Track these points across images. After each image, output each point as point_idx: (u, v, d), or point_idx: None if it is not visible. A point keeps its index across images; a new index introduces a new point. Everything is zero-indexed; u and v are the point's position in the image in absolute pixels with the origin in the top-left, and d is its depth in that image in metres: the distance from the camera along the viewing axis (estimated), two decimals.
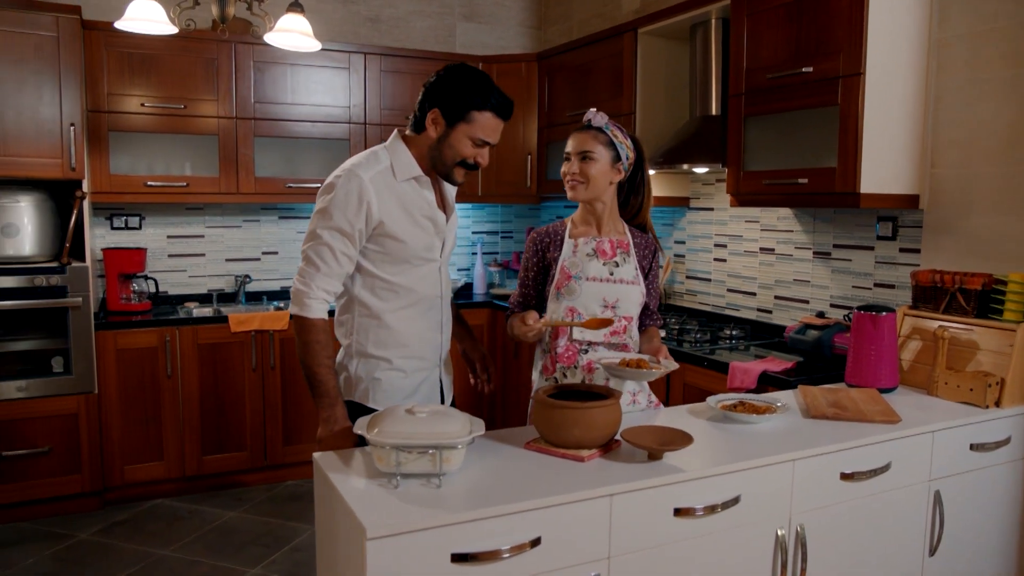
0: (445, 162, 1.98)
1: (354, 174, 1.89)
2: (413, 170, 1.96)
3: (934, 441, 2.09)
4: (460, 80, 1.93)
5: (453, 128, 1.94)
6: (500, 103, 1.95)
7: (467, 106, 1.92)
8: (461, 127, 1.94)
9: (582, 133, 2.12)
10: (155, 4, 2.50)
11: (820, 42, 2.63)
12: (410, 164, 1.96)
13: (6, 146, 3.34)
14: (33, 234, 3.46)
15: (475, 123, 1.93)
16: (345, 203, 1.86)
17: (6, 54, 3.30)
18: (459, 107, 1.92)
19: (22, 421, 3.45)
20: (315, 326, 1.87)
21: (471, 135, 1.95)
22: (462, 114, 1.93)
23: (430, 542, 1.46)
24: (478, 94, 1.92)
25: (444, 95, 1.92)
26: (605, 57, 3.83)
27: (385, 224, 1.90)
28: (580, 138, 2.11)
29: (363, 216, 1.88)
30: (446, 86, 1.92)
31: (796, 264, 3.24)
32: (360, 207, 1.87)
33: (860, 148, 2.52)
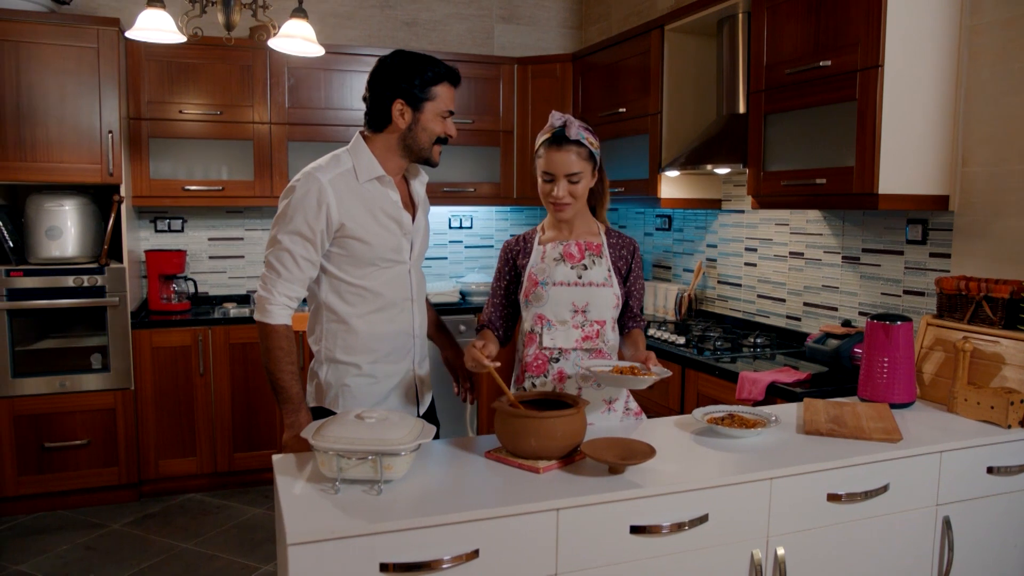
0: (423, 145, 1.97)
1: (313, 177, 1.88)
2: (375, 170, 1.94)
3: (942, 462, 1.92)
4: (409, 64, 1.92)
5: (421, 111, 1.94)
6: (447, 70, 1.97)
7: (425, 84, 1.92)
8: (428, 107, 1.94)
9: (562, 152, 1.96)
10: (164, 14, 2.57)
11: (838, 34, 2.48)
12: (372, 164, 1.94)
13: (50, 153, 3.51)
14: (76, 236, 3.63)
15: (439, 98, 1.95)
16: (304, 206, 1.86)
17: (50, 66, 3.47)
18: (420, 89, 1.92)
19: (63, 414, 3.62)
20: (277, 332, 1.87)
21: (438, 111, 1.95)
22: (425, 95, 1.93)
23: (357, 550, 1.42)
24: (429, 70, 1.93)
25: (401, 84, 1.91)
26: (633, 56, 3.73)
27: (347, 226, 1.89)
28: (563, 159, 1.96)
29: (323, 219, 1.86)
30: (399, 75, 1.91)
31: (825, 269, 3.07)
32: (319, 210, 1.86)
33: (878, 145, 2.35)
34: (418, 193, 2.10)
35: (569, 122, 1.98)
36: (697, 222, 3.87)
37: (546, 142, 1.99)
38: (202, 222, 4.35)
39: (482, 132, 4.49)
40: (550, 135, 1.99)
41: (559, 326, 2.03)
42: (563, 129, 1.97)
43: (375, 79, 1.95)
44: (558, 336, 2.03)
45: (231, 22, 2.59)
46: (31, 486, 3.59)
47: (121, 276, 3.64)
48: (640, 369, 1.94)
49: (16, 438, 3.55)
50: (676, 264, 4.06)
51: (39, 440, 3.58)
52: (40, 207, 3.56)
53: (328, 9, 4.48)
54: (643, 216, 4.37)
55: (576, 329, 2.04)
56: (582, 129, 2.00)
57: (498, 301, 2.13)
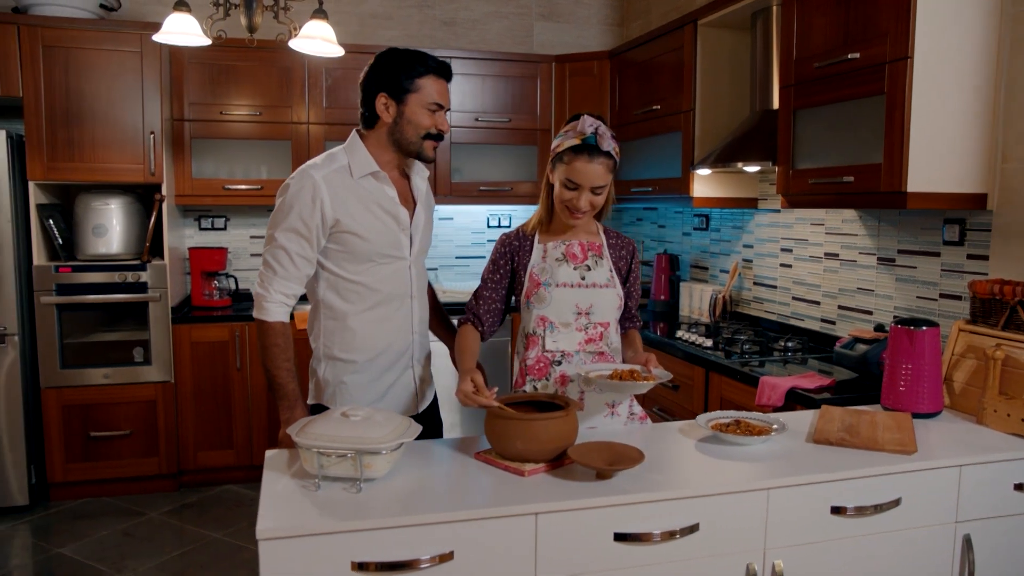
0: (410, 140, 1.96)
1: (307, 174, 1.90)
2: (369, 166, 1.95)
3: (962, 477, 1.81)
4: (394, 59, 1.93)
5: (405, 104, 1.93)
6: (437, 64, 1.96)
7: (409, 77, 1.92)
8: (412, 99, 1.92)
9: (593, 164, 1.89)
10: (190, 17, 2.64)
11: (868, 25, 2.36)
12: (366, 160, 1.95)
13: (96, 154, 3.65)
14: (121, 234, 3.76)
15: (423, 90, 1.93)
16: (299, 204, 1.87)
17: (96, 70, 3.61)
18: (403, 81, 1.92)
19: (107, 405, 3.76)
20: (273, 329, 1.89)
21: (423, 103, 1.93)
22: (408, 86, 1.92)
23: (329, 548, 1.43)
24: (415, 63, 1.93)
25: (384, 78, 1.92)
26: (667, 52, 3.65)
27: (342, 222, 1.90)
28: (592, 171, 1.90)
29: (317, 215, 1.88)
30: (383, 70, 1.92)
31: (860, 271, 2.94)
32: (314, 206, 1.87)
33: (907, 141, 2.23)
34: (419, 188, 2.09)
35: (601, 132, 1.92)
36: (734, 221, 3.76)
37: (574, 149, 1.91)
38: (244, 220, 4.46)
39: (519, 131, 4.47)
40: (579, 142, 1.91)
41: (562, 328, 2.00)
42: (595, 138, 1.90)
43: (364, 76, 1.96)
44: (561, 338, 2.00)
45: (253, 24, 2.64)
46: (77, 473, 3.75)
47: (162, 272, 3.76)
48: (640, 372, 1.89)
49: (64, 427, 3.70)
50: (713, 265, 3.96)
51: (85, 429, 3.73)
52: (88, 206, 3.71)
53: (367, 10, 4.53)
54: (681, 216, 4.28)
55: (579, 332, 2.00)
56: (612, 138, 1.95)
57: (489, 295, 2.06)
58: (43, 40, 3.54)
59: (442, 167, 4.36)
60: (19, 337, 3.55)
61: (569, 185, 1.94)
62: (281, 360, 1.89)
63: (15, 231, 3.52)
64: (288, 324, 1.92)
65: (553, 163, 1.98)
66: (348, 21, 4.50)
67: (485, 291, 2.09)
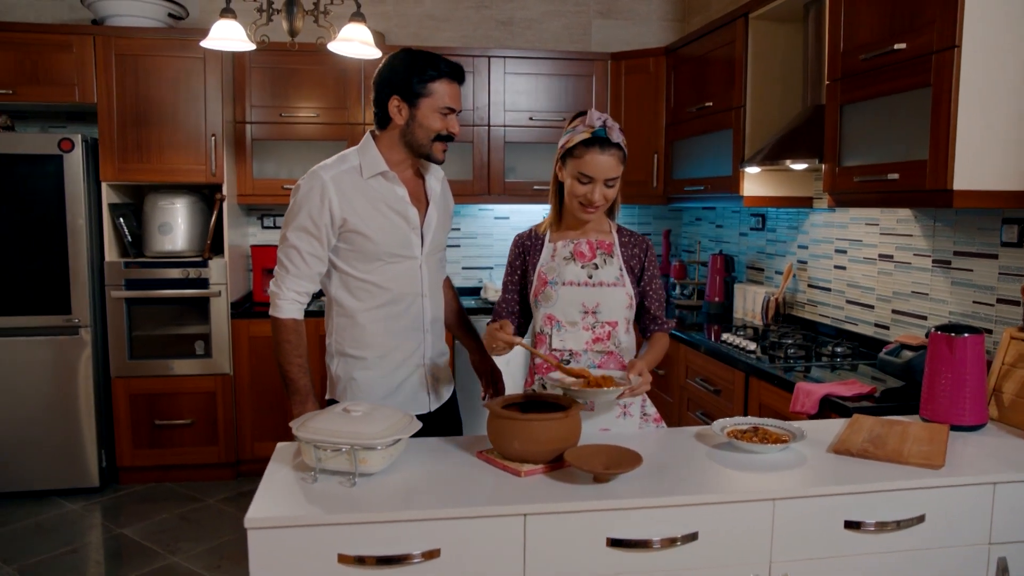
0: (421, 142, 1.98)
1: (316, 175, 1.94)
2: (379, 166, 1.97)
3: (995, 495, 1.69)
4: (407, 61, 1.94)
5: (416, 107, 1.95)
6: (450, 67, 1.96)
7: (422, 80, 1.93)
8: (424, 103, 1.94)
9: (605, 155, 1.90)
10: (235, 23, 2.74)
11: (915, 13, 2.23)
12: (376, 161, 1.97)
13: (162, 155, 3.84)
14: (185, 232, 3.94)
15: (435, 94, 1.94)
16: (308, 203, 1.92)
17: (163, 76, 3.80)
18: (415, 85, 1.93)
19: (171, 395, 3.95)
20: (285, 326, 1.95)
21: (435, 107, 1.94)
22: (420, 90, 1.93)
23: (317, 539, 1.45)
24: (428, 67, 1.93)
25: (397, 80, 1.93)
26: (720, 47, 3.55)
27: (349, 221, 1.93)
28: (605, 162, 1.90)
29: (326, 214, 1.92)
30: (396, 71, 1.94)
31: (915, 274, 2.78)
32: (322, 205, 1.91)
33: (953, 136, 2.10)
34: (432, 189, 2.10)
35: (610, 124, 1.93)
36: (789, 221, 3.63)
37: (585, 142, 1.91)
38: None
39: None
40: (590, 135, 1.91)
41: (569, 327, 1.98)
42: (604, 130, 1.91)
43: (376, 77, 1.98)
44: (568, 337, 1.98)
45: (294, 29, 2.72)
46: (144, 459, 3.95)
47: (222, 269, 3.92)
48: (615, 379, 1.83)
49: (132, 414, 3.91)
50: (769, 266, 3.83)
51: (151, 418, 3.93)
52: (155, 205, 3.90)
53: (424, 12, 4.59)
54: (738, 215, 4.16)
55: (586, 331, 1.97)
56: (620, 131, 1.95)
57: (510, 296, 2.10)
58: (116, 49, 3.75)
59: (496, 166, 4.38)
60: (91, 329, 3.77)
61: (582, 179, 1.93)
62: (293, 356, 1.94)
63: (89, 229, 3.74)
64: (300, 321, 1.97)
65: (563, 159, 1.96)
66: (405, 23, 4.58)
67: (506, 293, 2.11)
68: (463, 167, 4.34)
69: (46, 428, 3.75)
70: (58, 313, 3.72)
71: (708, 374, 3.11)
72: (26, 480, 3.77)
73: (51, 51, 3.72)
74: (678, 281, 4.48)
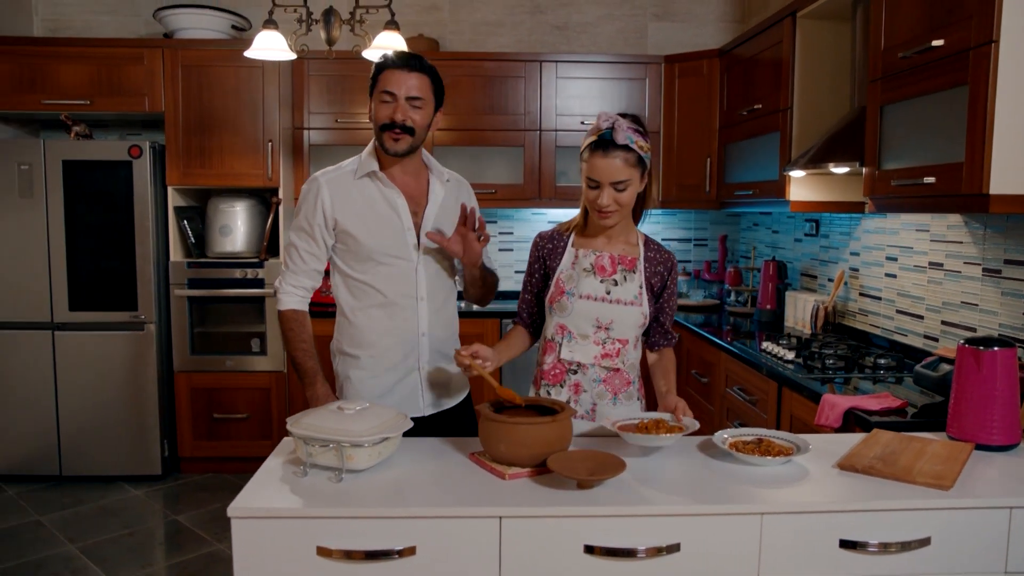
0: (376, 134, 2.03)
1: (314, 178, 2.06)
2: (369, 166, 2.04)
3: (1012, 521, 1.58)
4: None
5: (371, 101, 2.02)
6: (396, 56, 2.00)
7: (373, 77, 2.01)
8: (375, 96, 2.01)
9: (608, 158, 1.87)
10: (277, 34, 2.85)
11: (953, 7, 2.11)
12: (368, 162, 2.05)
13: (223, 161, 4.03)
14: (244, 234, 4.12)
15: (378, 83, 2.00)
16: (304, 205, 2.04)
17: (225, 85, 3.98)
18: (371, 84, 2.02)
19: (229, 390, 4.13)
20: (286, 316, 2.07)
21: (379, 97, 1.99)
22: (372, 86, 2.01)
23: (295, 531, 1.50)
24: (378, 64, 2.01)
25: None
26: (768, 47, 3.45)
27: (340, 222, 2.01)
28: (608, 165, 1.87)
29: (319, 214, 2.01)
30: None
31: (964, 283, 2.62)
32: (315, 207, 2.01)
33: (989, 136, 1.98)
34: (435, 191, 2.12)
35: (617, 125, 1.88)
36: (842, 227, 3.48)
37: (591, 145, 1.90)
38: None
39: None
40: (596, 138, 1.90)
41: (580, 340, 1.97)
42: (610, 132, 1.87)
43: None
44: (577, 350, 1.97)
45: (332, 38, 2.81)
46: (203, 450, 4.14)
47: (276, 269, 4.08)
48: (668, 422, 1.81)
49: (192, 407, 4.11)
50: (822, 273, 3.69)
51: (210, 411, 4.12)
52: (217, 208, 4.10)
53: (479, 18, 4.65)
54: (793, 221, 4.02)
55: (597, 345, 1.96)
56: (632, 132, 1.89)
57: (529, 297, 2.11)
58: (182, 61, 3.96)
59: (547, 170, 4.39)
60: (156, 325, 3.99)
61: (591, 184, 1.92)
62: (296, 342, 2.04)
63: (155, 230, 3.96)
64: (301, 311, 2.09)
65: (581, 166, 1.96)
66: (460, 30, 4.65)
67: (526, 294, 2.13)
68: (514, 171, 4.37)
69: (116, 417, 3.99)
70: (126, 309, 3.95)
71: (745, 383, 3.02)
72: (98, 465, 4.02)
73: (124, 64, 3.96)
74: (733, 288, 4.37)
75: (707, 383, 3.50)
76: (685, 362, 3.87)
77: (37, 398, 3.96)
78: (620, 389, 1.96)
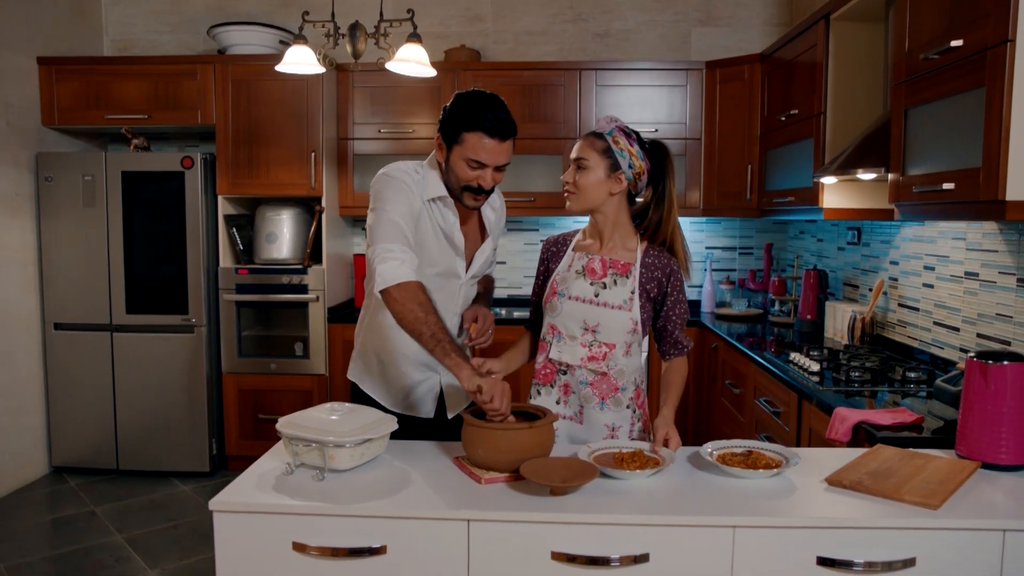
0: (452, 186, 1.99)
1: (403, 176, 1.99)
2: (436, 190, 2.00)
3: (1006, 544, 1.50)
4: (458, 103, 1.94)
5: (451, 151, 1.94)
6: (493, 123, 1.89)
7: (458, 127, 1.91)
8: (456, 150, 1.93)
9: (583, 139, 1.99)
10: (306, 48, 2.96)
11: (972, 6, 2.03)
12: (435, 185, 2.00)
13: (269, 171, 4.19)
14: (289, 241, 4.27)
15: (466, 144, 1.91)
16: (399, 195, 1.97)
17: (271, 98, 4.14)
18: (453, 129, 1.92)
19: (273, 392, 4.28)
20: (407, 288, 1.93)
21: (464, 156, 1.92)
22: (455, 136, 1.92)
23: (272, 526, 1.56)
24: (470, 114, 1.90)
25: (444, 119, 1.95)
26: (803, 51, 3.37)
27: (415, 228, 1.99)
28: (579, 144, 1.98)
29: (414, 207, 1.98)
30: (449, 110, 1.95)
31: (999, 294, 2.50)
32: (410, 200, 1.97)
33: (1005, 140, 1.89)
34: (488, 219, 2.15)
35: (609, 121, 1.98)
36: (883, 236, 3.36)
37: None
38: None
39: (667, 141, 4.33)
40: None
41: (568, 340, 1.98)
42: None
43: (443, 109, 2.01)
44: (565, 350, 1.98)
45: (357, 51, 2.90)
46: (248, 449, 4.30)
47: (320, 276, 4.21)
48: (645, 453, 1.78)
49: (239, 407, 4.28)
50: (863, 282, 3.56)
51: (255, 411, 4.28)
52: (264, 216, 4.26)
53: (521, 28, 4.69)
54: (836, 229, 3.90)
55: (584, 347, 1.97)
56: (619, 130, 1.96)
57: (536, 300, 2.16)
58: (232, 75, 4.14)
59: None
60: (206, 328, 4.17)
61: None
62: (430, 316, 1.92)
63: (205, 237, 4.14)
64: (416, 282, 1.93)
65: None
66: (503, 40, 4.70)
67: (533, 297, 2.17)
68: (552, 179, 4.38)
69: (168, 415, 4.19)
70: (178, 313, 4.14)
71: (771, 395, 2.95)
72: (151, 460, 4.23)
73: (180, 79, 4.17)
74: (776, 297, 4.27)
75: (739, 394, 3.43)
76: (720, 373, 3.80)
77: (97, 395, 4.20)
78: (607, 394, 1.96)
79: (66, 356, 4.20)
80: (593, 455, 1.77)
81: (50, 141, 4.32)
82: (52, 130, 4.32)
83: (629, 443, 1.85)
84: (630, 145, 1.95)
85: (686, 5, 4.65)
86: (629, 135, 1.97)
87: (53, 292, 4.18)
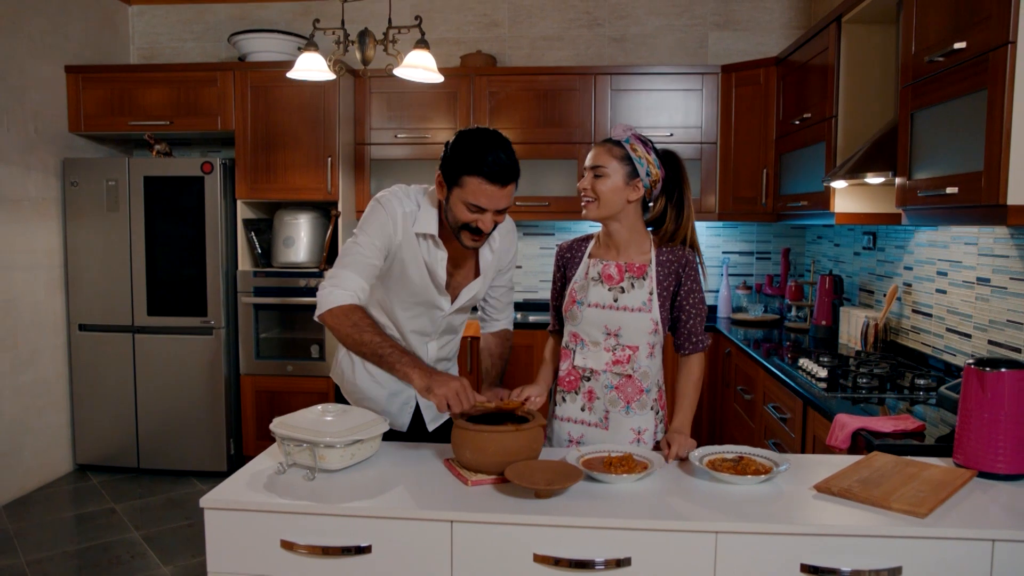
0: (451, 225, 1.95)
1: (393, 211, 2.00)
2: (429, 227, 1.98)
3: (995, 554, 1.48)
4: (460, 142, 1.88)
5: (451, 192, 1.90)
6: (492, 168, 1.84)
7: (458, 170, 1.86)
8: (455, 191, 1.88)
9: (599, 146, 1.98)
10: (317, 55, 3.00)
11: (975, 8, 2.00)
12: (430, 221, 1.98)
13: (286, 175, 4.26)
14: (306, 245, 4.33)
15: (466, 187, 1.86)
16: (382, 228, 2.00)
17: (288, 105, 4.21)
18: (453, 171, 1.87)
19: (289, 393, 4.34)
20: (341, 312, 1.98)
21: (463, 199, 1.87)
22: (455, 178, 1.87)
23: (260, 524, 1.59)
24: (471, 157, 1.84)
25: (445, 157, 1.90)
26: (816, 55, 3.34)
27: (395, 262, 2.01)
28: (596, 151, 1.97)
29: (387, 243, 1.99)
30: (449, 148, 1.90)
31: (1011, 300, 2.45)
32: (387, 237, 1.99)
33: (1006, 143, 1.85)
34: (485, 259, 2.11)
35: (624, 129, 1.99)
36: (898, 241, 3.31)
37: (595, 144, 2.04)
38: None
39: (682, 145, 4.33)
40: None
41: (592, 347, 2.01)
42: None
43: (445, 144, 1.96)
44: (589, 356, 2.00)
45: (366, 57, 2.94)
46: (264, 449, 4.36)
47: None
48: (635, 458, 1.78)
49: (256, 408, 4.34)
50: (878, 288, 3.51)
51: (272, 412, 4.34)
52: (282, 220, 4.33)
53: (537, 33, 4.71)
54: (853, 234, 3.85)
55: (607, 352, 1.99)
56: (635, 138, 1.98)
57: (556, 306, 2.17)
58: (251, 82, 4.22)
59: None
60: (224, 330, 4.25)
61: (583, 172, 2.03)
62: (366, 332, 1.92)
63: (224, 241, 4.22)
64: (358, 306, 1.97)
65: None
66: (519, 45, 4.72)
67: (553, 302, 2.19)
68: (567, 184, 4.39)
69: (188, 416, 4.27)
70: (197, 315, 4.23)
71: (779, 401, 2.92)
72: (171, 460, 4.32)
73: (201, 86, 4.26)
74: (793, 303, 4.22)
75: (750, 400, 3.40)
76: (733, 378, 3.77)
77: (119, 395, 4.30)
78: (633, 397, 1.97)
79: (90, 357, 4.31)
80: (583, 459, 1.78)
81: (76, 147, 4.43)
82: (78, 136, 4.44)
83: (618, 447, 1.86)
84: (647, 153, 1.96)
85: (704, 9, 4.63)
86: (645, 143, 1.98)
87: (78, 294, 4.29)
